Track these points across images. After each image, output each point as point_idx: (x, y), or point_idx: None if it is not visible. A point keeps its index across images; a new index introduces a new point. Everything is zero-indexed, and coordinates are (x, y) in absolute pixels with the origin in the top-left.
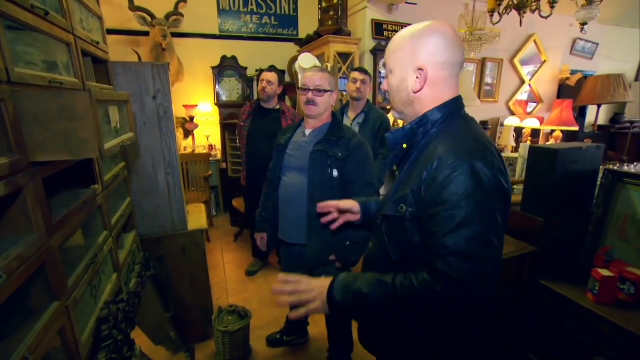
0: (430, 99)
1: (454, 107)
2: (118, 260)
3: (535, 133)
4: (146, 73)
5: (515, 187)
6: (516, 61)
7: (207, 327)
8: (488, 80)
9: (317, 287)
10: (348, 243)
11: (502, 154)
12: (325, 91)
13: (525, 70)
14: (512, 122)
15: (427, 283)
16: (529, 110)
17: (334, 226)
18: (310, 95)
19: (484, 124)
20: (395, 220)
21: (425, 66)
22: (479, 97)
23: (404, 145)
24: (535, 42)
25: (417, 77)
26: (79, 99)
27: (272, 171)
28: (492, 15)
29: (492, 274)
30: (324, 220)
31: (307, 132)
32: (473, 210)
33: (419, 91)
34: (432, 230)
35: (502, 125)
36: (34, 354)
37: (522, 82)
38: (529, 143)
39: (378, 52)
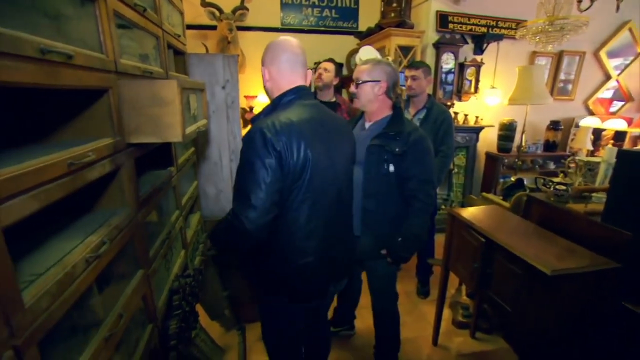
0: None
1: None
2: (186, 238)
3: (618, 136)
4: (217, 64)
5: (594, 195)
6: (602, 53)
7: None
8: (563, 76)
9: None
10: (400, 239)
11: (576, 158)
12: (364, 82)
13: (612, 64)
14: (590, 122)
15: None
16: (612, 109)
17: None
18: (352, 87)
19: (556, 123)
20: None
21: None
22: (552, 95)
23: None
24: (630, 30)
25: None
26: (168, 86)
27: None
28: (580, 1)
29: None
30: None
31: (367, 125)
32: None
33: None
34: None
35: (576, 126)
36: (126, 312)
37: (607, 77)
38: (609, 146)
39: (441, 46)
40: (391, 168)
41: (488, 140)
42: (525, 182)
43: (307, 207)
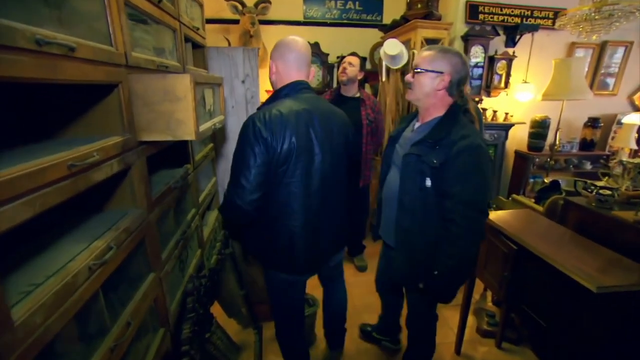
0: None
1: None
2: (202, 237)
3: None
4: (237, 57)
5: None
6: None
7: None
8: (605, 69)
9: None
10: (435, 272)
11: (623, 160)
12: (423, 71)
13: None
14: (635, 119)
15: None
16: None
17: None
18: (408, 76)
19: (595, 120)
20: None
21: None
22: (591, 89)
23: None
24: None
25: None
26: (180, 81)
27: (384, 160)
28: None
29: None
30: None
31: (416, 125)
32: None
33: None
34: None
35: (619, 123)
36: (134, 319)
37: None
38: None
39: (470, 38)
40: (428, 182)
41: (518, 138)
42: (561, 185)
43: (293, 189)
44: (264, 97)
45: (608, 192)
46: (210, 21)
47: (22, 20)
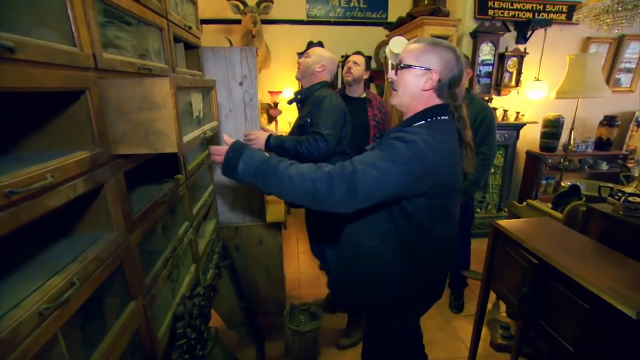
0: None
1: None
2: (197, 251)
3: None
4: (234, 57)
5: None
6: None
7: (279, 319)
8: (623, 64)
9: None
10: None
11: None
12: (410, 67)
13: None
14: None
15: None
16: None
17: None
18: (390, 74)
19: (612, 119)
20: None
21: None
22: (608, 86)
23: None
24: None
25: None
26: (158, 86)
27: None
28: None
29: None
30: None
31: None
32: None
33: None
34: None
35: (637, 121)
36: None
37: None
38: None
39: (480, 35)
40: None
41: (529, 137)
42: (581, 189)
43: None
44: (264, 98)
45: (638, 199)
46: (211, 21)
47: None
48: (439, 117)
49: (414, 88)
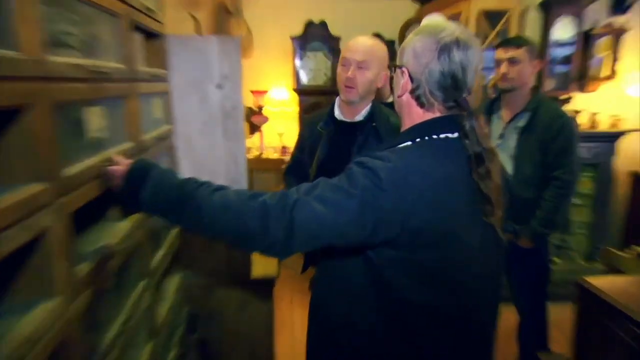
0: None
1: None
2: (155, 322)
3: None
4: (210, 51)
5: None
6: None
7: None
8: None
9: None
10: None
11: None
12: (394, 68)
13: None
14: None
15: None
16: None
17: None
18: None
19: None
20: None
21: None
22: None
23: None
24: None
25: None
26: None
27: None
28: None
29: None
30: None
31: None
32: None
33: None
34: None
35: None
36: None
37: None
38: None
39: (555, 6)
40: None
41: (632, 152)
42: None
43: None
44: (249, 100)
45: None
46: None
47: None
48: (434, 136)
49: (395, 95)
